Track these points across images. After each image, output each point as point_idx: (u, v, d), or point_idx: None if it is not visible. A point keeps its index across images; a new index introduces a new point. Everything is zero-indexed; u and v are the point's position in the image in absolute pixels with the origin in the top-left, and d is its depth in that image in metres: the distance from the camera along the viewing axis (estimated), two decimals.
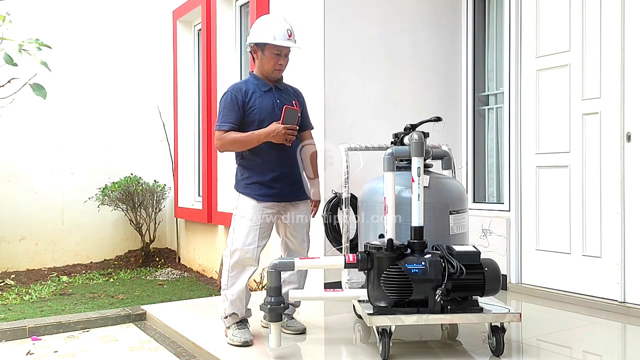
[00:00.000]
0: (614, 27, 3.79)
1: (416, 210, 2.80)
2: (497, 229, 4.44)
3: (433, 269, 2.70)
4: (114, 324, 3.92)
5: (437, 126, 3.24)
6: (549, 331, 3.34)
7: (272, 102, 3.16)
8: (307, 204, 3.30)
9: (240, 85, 3.19)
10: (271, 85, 3.20)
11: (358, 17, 4.44)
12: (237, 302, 3.10)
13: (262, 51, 3.12)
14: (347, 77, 4.38)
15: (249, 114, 3.11)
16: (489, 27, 4.94)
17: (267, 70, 3.15)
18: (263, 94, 3.16)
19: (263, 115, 3.11)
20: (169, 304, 4.32)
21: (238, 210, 3.14)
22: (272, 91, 3.19)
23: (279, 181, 3.14)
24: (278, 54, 3.11)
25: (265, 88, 3.18)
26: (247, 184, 3.16)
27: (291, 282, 3.28)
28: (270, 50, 3.10)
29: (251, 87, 3.16)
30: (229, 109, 3.10)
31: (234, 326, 3.13)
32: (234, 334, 3.09)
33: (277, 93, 3.21)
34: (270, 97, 3.17)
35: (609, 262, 3.81)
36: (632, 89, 3.70)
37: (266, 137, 3.04)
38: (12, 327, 3.68)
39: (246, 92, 3.13)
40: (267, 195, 3.11)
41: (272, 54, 3.11)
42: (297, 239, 3.25)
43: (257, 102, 3.12)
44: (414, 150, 2.84)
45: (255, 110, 3.11)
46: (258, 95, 3.14)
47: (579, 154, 3.99)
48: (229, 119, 3.09)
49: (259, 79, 3.20)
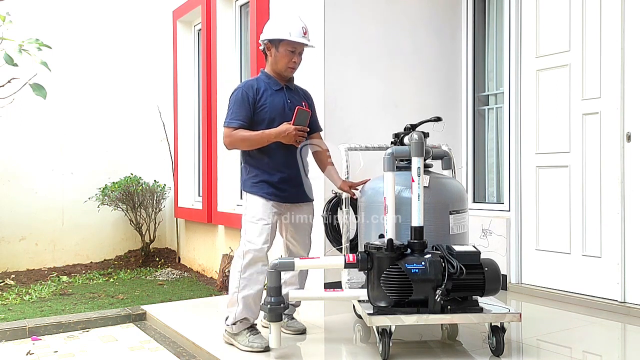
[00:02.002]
0: (614, 27, 3.79)
1: (416, 210, 2.80)
2: (497, 229, 4.44)
3: (433, 269, 2.70)
4: (114, 324, 3.92)
5: (437, 126, 3.24)
6: (549, 331, 3.34)
7: (283, 102, 3.12)
8: (309, 206, 3.27)
9: (252, 82, 3.14)
10: (282, 85, 3.16)
11: (358, 17, 4.44)
12: (252, 305, 3.00)
13: (276, 48, 3.09)
14: (347, 77, 4.38)
15: (260, 112, 3.07)
16: (489, 27, 4.94)
17: (281, 67, 3.11)
18: (274, 92, 3.12)
19: (274, 115, 3.07)
20: (169, 304, 4.32)
21: (248, 211, 3.07)
22: (284, 91, 3.16)
23: (286, 182, 3.10)
24: (292, 51, 3.08)
25: (276, 87, 3.14)
26: (254, 182, 3.10)
27: (292, 284, 3.25)
28: (285, 47, 3.07)
29: (262, 85, 3.12)
30: (239, 106, 3.05)
31: (245, 332, 3.01)
32: (251, 341, 2.96)
33: (288, 93, 3.17)
34: (282, 97, 3.14)
35: (609, 262, 3.81)
36: (632, 89, 3.70)
37: (276, 137, 3.00)
38: (12, 327, 3.68)
39: (257, 90, 3.08)
40: (274, 195, 3.07)
41: (287, 51, 3.07)
42: (298, 241, 3.23)
43: (268, 101, 3.08)
44: (414, 150, 2.84)
45: (266, 108, 3.07)
46: (269, 94, 3.10)
47: (579, 154, 3.99)
48: (238, 116, 3.04)
49: (271, 77, 3.16)
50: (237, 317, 3.00)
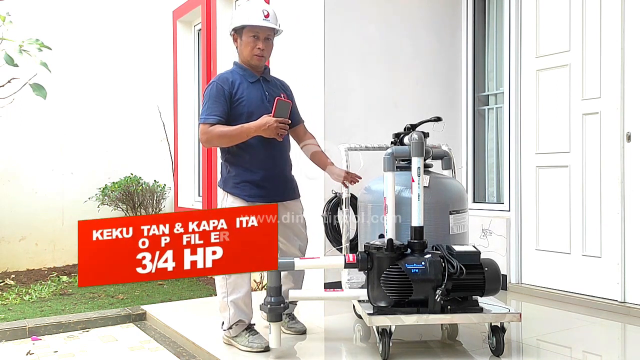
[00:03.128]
0: (614, 27, 3.79)
1: (416, 210, 2.80)
2: (497, 229, 4.44)
3: (433, 269, 2.70)
4: (114, 324, 3.92)
5: (437, 126, 3.24)
6: (549, 331, 3.34)
7: (261, 94, 3.00)
8: (297, 203, 3.17)
9: (226, 75, 3.01)
10: (258, 77, 3.05)
11: (358, 17, 4.44)
12: (243, 307, 2.97)
13: (240, 37, 3.00)
14: (347, 77, 4.38)
15: (237, 107, 2.94)
16: (489, 27, 4.94)
17: (246, 55, 2.99)
18: (250, 85, 3.00)
19: (252, 108, 2.94)
20: (169, 304, 4.32)
21: None
22: (260, 82, 3.04)
23: (269, 180, 3.00)
24: (255, 37, 2.95)
25: (252, 79, 3.02)
26: (236, 183, 2.99)
27: (285, 283, 3.15)
28: (247, 34, 2.95)
29: (237, 77, 3.00)
30: (215, 101, 2.91)
31: (244, 333, 2.98)
32: (250, 341, 2.94)
33: (266, 85, 3.06)
34: (259, 89, 3.01)
35: (609, 262, 3.81)
36: (632, 89, 3.70)
37: (256, 131, 2.86)
38: (12, 327, 3.68)
39: (233, 83, 2.95)
40: (257, 196, 2.96)
41: (250, 37, 2.94)
42: (288, 240, 3.15)
43: (245, 94, 2.95)
44: (414, 150, 2.84)
45: (244, 102, 2.94)
46: (245, 87, 2.97)
47: (579, 154, 3.99)
48: (214, 111, 2.90)
49: (245, 69, 3.04)
50: (231, 321, 2.98)
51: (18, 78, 4.28)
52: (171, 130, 6.79)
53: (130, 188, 6.26)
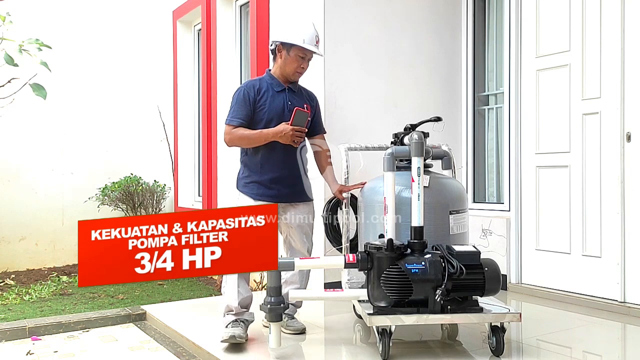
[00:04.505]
0: (614, 27, 3.78)
1: (416, 210, 2.80)
2: (497, 229, 4.44)
3: (433, 269, 2.70)
4: (114, 324, 3.92)
5: (437, 126, 3.24)
6: (549, 331, 3.34)
7: (283, 103, 3.17)
8: (308, 205, 3.29)
9: (254, 82, 3.22)
10: (285, 86, 3.21)
11: (358, 17, 4.44)
12: (230, 291, 3.09)
13: (287, 51, 3.14)
14: (347, 77, 4.38)
15: (258, 112, 3.14)
16: (489, 27, 4.94)
17: (289, 71, 3.17)
18: (275, 93, 3.18)
19: (271, 115, 3.14)
20: (169, 304, 4.32)
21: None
22: (285, 92, 3.20)
23: (277, 182, 3.15)
24: (303, 58, 3.15)
25: (278, 88, 3.20)
26: (247, 182, 3.20)
27: (293, 282, 3.26)
28: (296, 52, 3.13)
29: (265, 85, 3.19)
30: (240, 105, 3.13)
31: (230, 324, 3.08)
32: (225, 332, 3.02)
33: (290, 94, 3.22)
34: (282, 98, 3.19)
35: (609, 262, 3.80)
36: (632, 89, 3.70)
37: (274, 137, 3.07)
38: (12, 327, 3.68)
39: (258, 90, 3.16)
40: (265, 195, 3.12)
41: (297, 57, 3.14)
42: (299, 240, 3.25)
43: (267, 102, 3.15)
44: (414, 150, 2.84)
45: (265, 109, 3.14)
46: (270, 95, 3.17)
47: (579, 154, 3.99)
48: (239, 114, 3.12)
49: (274, 78, 3.22)
50: (224, 310, 3.14)
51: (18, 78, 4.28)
52: (171, 130, 6.79)
53: (130, 188, 6.26)
